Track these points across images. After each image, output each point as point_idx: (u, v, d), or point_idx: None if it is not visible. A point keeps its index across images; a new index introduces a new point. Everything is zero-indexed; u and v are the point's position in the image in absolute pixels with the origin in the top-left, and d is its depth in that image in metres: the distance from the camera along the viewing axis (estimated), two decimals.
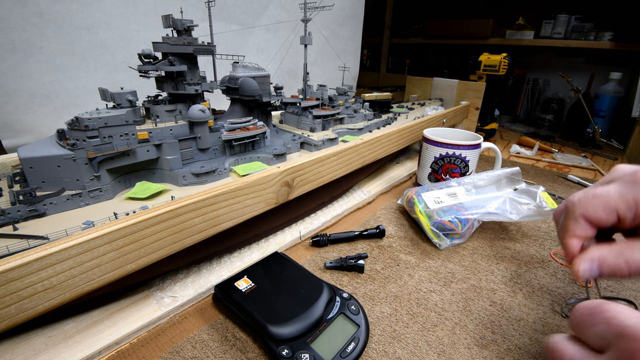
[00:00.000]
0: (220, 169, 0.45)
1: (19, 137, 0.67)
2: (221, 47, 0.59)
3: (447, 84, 1.10)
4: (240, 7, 0.94)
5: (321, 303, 0.34)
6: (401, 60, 1.96)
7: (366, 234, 0.49)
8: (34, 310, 0.26)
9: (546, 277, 0.43)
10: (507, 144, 1.11)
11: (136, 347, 0.31)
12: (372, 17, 1.52)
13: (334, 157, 0.50)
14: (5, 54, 0.61)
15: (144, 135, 0.42)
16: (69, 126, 0.38)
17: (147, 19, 0.76)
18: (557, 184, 0.74)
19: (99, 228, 0.28)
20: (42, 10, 0.63)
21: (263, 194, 0.40)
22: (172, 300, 0.36)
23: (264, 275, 0.38)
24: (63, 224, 0.33)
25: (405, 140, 0.70)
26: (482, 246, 0.49)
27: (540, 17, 1.35)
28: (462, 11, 1.69)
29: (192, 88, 0.47)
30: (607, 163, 0.94)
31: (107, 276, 0.29)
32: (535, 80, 1.44)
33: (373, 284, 0.40)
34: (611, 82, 1.14)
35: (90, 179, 0.38)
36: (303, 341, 0.30)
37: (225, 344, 0.32)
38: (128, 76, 0.73)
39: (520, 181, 0.53)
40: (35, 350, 0.29)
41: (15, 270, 0.24)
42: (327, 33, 1.22)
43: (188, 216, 0.33)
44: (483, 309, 0.37)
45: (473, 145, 0.57)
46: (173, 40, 0.45)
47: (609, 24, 1.23)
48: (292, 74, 1.14)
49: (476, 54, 1.12)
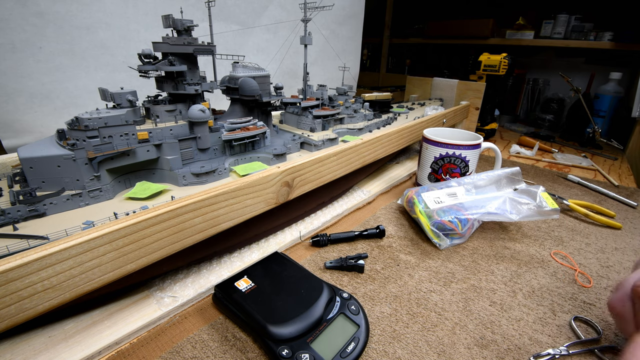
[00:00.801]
0: (220, 169, 0.45)
1: (19, 137, 0.67)
2: (221, 47, 0.59)
3: (447, 84, 1.10)
4: (240, 7, 0.94)
5: (321, 303, 0.34)
6: (401, 60, 1.96)
7: (366, 234, 0.49)
8: (34, 310, 0.26)
9: (546, 277, 0.43)
10: (507, 144, 1.11)
11: (136, 347, 0.31)
12: (372, 17, 1.52)
13: (334, 157, 0.50)
14: (5, 54, 0.61)
15: (144, 135, 0.42)
16: (69, 126, 0.38)
17: (147, 19, 0.76)
18: (557, 184, 0.74)
19: (99, 228, 0.28)
20: (42, 10, 0.63)
21: (263, 194, 0.40)
22: (172, 300, 0.36)
23: (264, 275, 0.38)
24: (63, 224, 0.33)
25: (405, 140, 0.70)
26: (482, 246, 0.49)
27: (540, 17, 1.35)
28: (462, 11, 1.69)
29: (192, 88, 0.47)
30: (607, 163, 0.94)
31: (107, 276, 0.29)
32: (535, 80, 1.44)
33: (373, 284, 0.40)
34: (611, 82, 1.14)
35: (90, 179, 0.38)
36: (303, 341, 0.30)
37: (225, 344, 0.32)
38: (128, 76, 0.73)
39: (520, 181, 0.53)
40: (35, 350, 0.29)
41: (15, 270, 0.24)
42: (327, 33, 1.22)
43: (188, 216, 0.33)
44: (483, 309, 0.37)
45: (473, 145, 0.57)
46: (173, 40, 0.45)
47: (609, 24, 1.22)
48: (292, 74, 1.14)
49: (476, 54, 1.12)
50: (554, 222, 0.57)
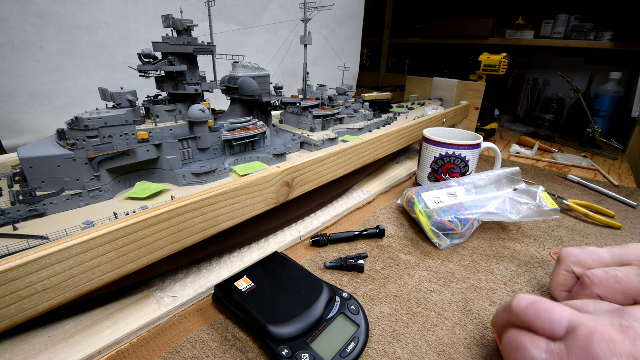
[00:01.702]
0: (220, 169, 0.45)
1: (19, 137, 0.67)
2: (221, 47, 0.59)
3: (447, 84, 1.10)
4: (240, 7, 0.94)
5: (321, 303, 0.34)
6: (401, 60, 1.96)
7: (366, 234, 0.49)
8: (34, 310, 0.26)
9: (546, 277, 0.43)
10: (507, 144, 1.11)
11: (136, 347, 0.31)
12: (372, 17, 1.52)
13: (334, 157, 0.50)
14: (5, 54, 0.61)
15: (144, 135, 0.42)
16: (69, 126, 0.38)
17: (147, 19, 0.76)
18: (557, 184, 0.74)
19: (99, 228, 0.28)
20: (42, 10, 0.63)
21: (263, 194, 0.40)
22: (172, 300, 0.36)
23: (264, 275, 0.38)
24: (63, 224, 0.33)
25: (405, 140, 0.70)
26: (482, 246, 0.49)
27: (540, 17, 1.36)
28: (462, 11, 1.69)
29: (192, 88, 0.47)
30: (607, 163, 0.94)
31: (107, 276, 0.29)
32: (535, 80, 1.44)
33: (373, 284, 0.40)
34: (611, 82, 1.14)
35: (90, 179, 0.38)
36: (303, 341, 0.30)
37: (225, 344, 0.32)
38: (128, 76, 0.73)
39: (520, 181, 0.53)
40: (35, 350, 0.29)
41: (15, 270, 0.24)
42: (327, 33, 1.22)
43: (188, 216, 0.33)
44: (483, 309, 0.37)
45: (473, 145, 0.57)
46: (173, 40, 0.45)
47: (609, 24, 1.23)
48: (292, 74, 1.14)
49: (476, 54, 1.12)
50: (554, 222, 0.57)
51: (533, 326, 0.25)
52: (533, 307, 0.25)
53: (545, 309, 0.25)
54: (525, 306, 0.26)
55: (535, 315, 0.25)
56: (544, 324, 0.24)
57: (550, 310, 0.25)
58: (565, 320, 0.24)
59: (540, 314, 0.25)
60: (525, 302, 0.26)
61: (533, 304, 0.26)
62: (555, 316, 0.24)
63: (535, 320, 0.25)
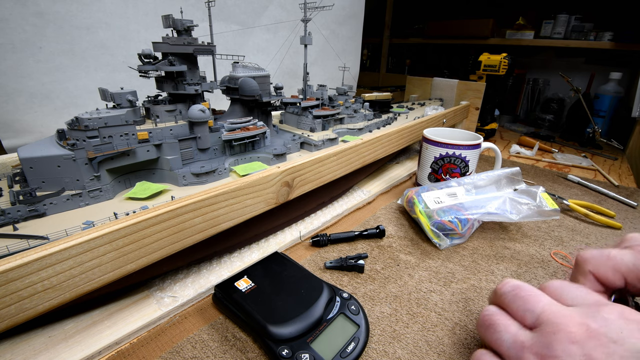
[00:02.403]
0: (220, 169, 0.45)
1: (19, 137, 0.67)
2: (221, 47, 0.59)
3: (447, 84, 1.10)
4: (240, 7, 0.94)
5: (321, 303, 0.34)
6: (401, 60, 1.96)
7: (366, 234, 0.49)
8: (34, 310, 0.26)
9: (546, 277, 0.43)
10: (507, 144, 1.11)
11: (136, 347, 0.31)
12: (372, 17, 1.52)
13: (334, 157, 0.50)
14: (5, 54, 0.61)
15: (144, 135, 0.42)
16: (69, 126, 0.38)
17: (147, 19, 0.76)
18: (557, 184, 0.74)
19: (99, 228, 0.28)
20: (42, 10, 0.63)
21: (263, 194, 0.40)
22: (172, 300, 0.36)
23: (264, 275, 0.38)
24: (63, 224, 0.33)
25: (405, 140, 0.70)
26: (482, 246, 0.49)
27: (540, 17, 1.36)
28: (462, 11, 1.69)
29: (192, 88, 0.47)
30: (607, 163, 0.94)
31: (107, 276, 0.29)
32: (535, 80, 1.44)
33: (373, 284, 0.40)
34: (611, 82, 1.14)
35: (90, 179, 0.38)
36: (303, 341, 0.30)
37: (225, 344, 0.32)
38: (128, 76, 0.73)
39: (520, 181, 0.53)
40: (35, 350, 0.29)
41: (15, 270, 0.24)
42: (327, 33, 1.22)
43: (188, 216, 0.33)
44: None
45: (473, 145, 0.57)
46: (173, 40, 0.45)
47: (609, 24, 1.23)
48: (292, 74, 1.14)
49: (476, 54, 1.12)
50: (554, 222, 0.57)
51: (509, 309, 0.27)
52: (513, 292, 0.27)
53: (522, 296, 0.26)
54: (507, 290, 0.27)
55: (512, 300, 0.26)
56: (517, 309, 0.26)
57: (527, 297, 0.26)
58: (538, 309, 0.24)
59: (517, 300, 0.26)
60: (509, 286, 0.28)
61: (515, 288, 0.27)
62: (529, 305, 0.25)
63: (511, 304, 0.26)
